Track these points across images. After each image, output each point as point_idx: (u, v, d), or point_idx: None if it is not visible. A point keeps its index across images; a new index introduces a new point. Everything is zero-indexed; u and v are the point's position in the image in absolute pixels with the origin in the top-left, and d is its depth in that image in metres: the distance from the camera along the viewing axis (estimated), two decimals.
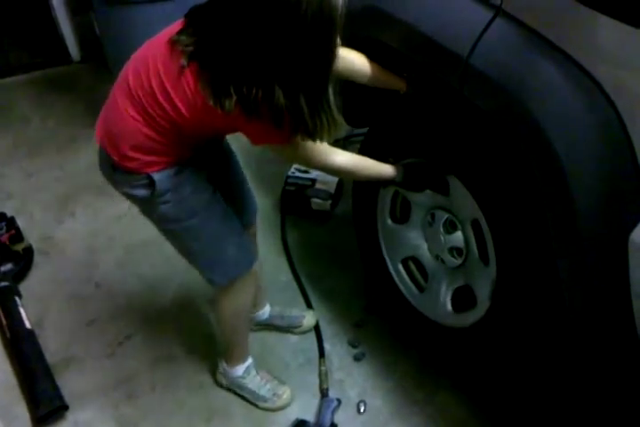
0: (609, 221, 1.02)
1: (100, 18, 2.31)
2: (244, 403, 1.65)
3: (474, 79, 1.15)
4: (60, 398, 1.65)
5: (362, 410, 1.61)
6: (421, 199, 1.53)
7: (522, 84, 1.07)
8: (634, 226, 0.99)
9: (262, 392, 1.61)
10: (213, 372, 1.71)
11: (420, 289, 1.67)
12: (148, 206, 1.29)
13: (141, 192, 1.23)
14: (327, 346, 1.78)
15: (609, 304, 1.10)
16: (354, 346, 1.78)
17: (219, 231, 1.34)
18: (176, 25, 1.13)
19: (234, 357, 1.61)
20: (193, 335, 1.84)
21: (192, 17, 1.10)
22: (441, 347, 1.65)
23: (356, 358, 1.75)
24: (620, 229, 1.01)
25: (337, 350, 1.78)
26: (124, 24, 2.18)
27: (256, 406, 1.63)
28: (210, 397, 1.67)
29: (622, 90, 0.96)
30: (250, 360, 1.64)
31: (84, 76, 3.17)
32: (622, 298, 1.06)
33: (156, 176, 1.20)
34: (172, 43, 1.08)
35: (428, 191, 1.44)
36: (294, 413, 1.62)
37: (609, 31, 0.96)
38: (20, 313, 1.86)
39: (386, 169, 1.34)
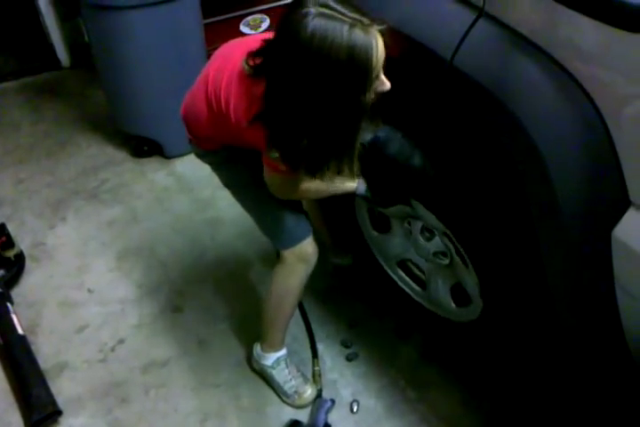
0: (592, 217, 1.03)
1: (88, 23, 2.31)
2: (238, 405, 1.66)
3: (457, 81, 1.17)
4: (54, 403, 1.64)
5: (355, 410, 1.62)
6: (391, 210, 1.55)
7: (505, 85, 1.08)
8: (616, 222, 1.00)
9: (286, 387, 1.63)
10: (206, 375, 1.72)
11: (423, 287, 1.70)
12: (214, 171, 1.47)
13: (207, 160, 1.45)
14: (320, 347, 1.79)
15: (595, 301, 1.11)
16: (346, 346, 1.79)
17: (275, 202, 1.39)
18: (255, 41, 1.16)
19: (268, 342, 1.64)
20: (184, 339, 1.84)
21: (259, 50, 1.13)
22: (450, 340, 1.69)
23: (349, 359, 1.76)
24: (604, 225, 1.02)
25: (330, 350, 1.79)
26: (112, 29, 2.18)
27: (280, 399, 1.66)
28: (204, 399, 1.68)
29: (603, 89, 0.97)
30: (283, 352, 1.66)
31: (74, 82, 3.17)
32: (608, 295, 1.08)
33: (214, 152, 1.39)
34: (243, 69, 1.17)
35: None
36: (288, 413, 1.62)
37: (589, 31, 0.97)
38: (12, 320, 1.85)
39: (350, 185, 1.39)
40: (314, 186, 1.29)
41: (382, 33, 1.03)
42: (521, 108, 1.06)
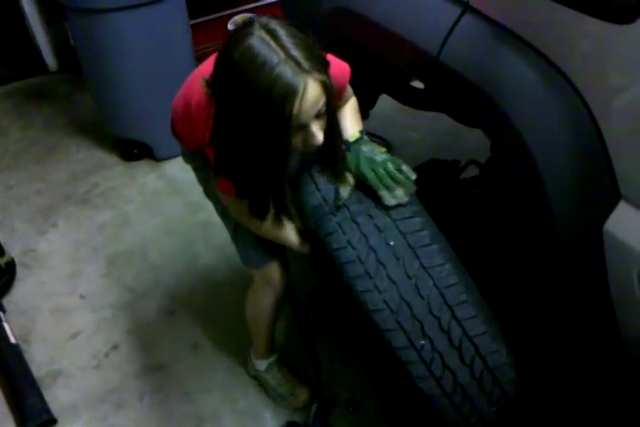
0: (583, 212, 1.02)
1: (73, 27, 2.29)
2: (233, 408, 1.65)
3: (444, 76, 1.16)
4: (48, 411, 1.63)
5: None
6: None
7: (492, 80, 1.07)
8: (607, 216, 0.99)
9: (281, 391, 1.63)
10: (201, 379, 1.71)
11: None
12: (194, 172, 1.39)
13: (186, 160, 1.37)
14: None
15: (588, 297, 1.10)
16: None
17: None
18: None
19: (257, 350, 1.64)
20: (178, 344, 1.83)
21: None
22: None
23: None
24: (595, 219, 1.01)
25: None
26: (97, 32, 2.16)
27: (275, 402, 1.65)
28: (198, 404, 1.66)
29: (590, 82, 0.96)
30: (274, 357, 1.65)
31: (62, 86, 3.15)
32: (601, 289, 1.07)
33: (195, 154, 1.29)
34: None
35: None
36: (285, 416, 1.61)
37: (575, 24, 0.96)
38: (3, 328, 1.84)
39: (295, 243, 1.29)
40: (256, 222, 1.23)
41: (325, 85, 0.91)
42: (508, 102, 1.05)
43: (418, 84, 1.61)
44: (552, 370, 1.33)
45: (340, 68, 1.12)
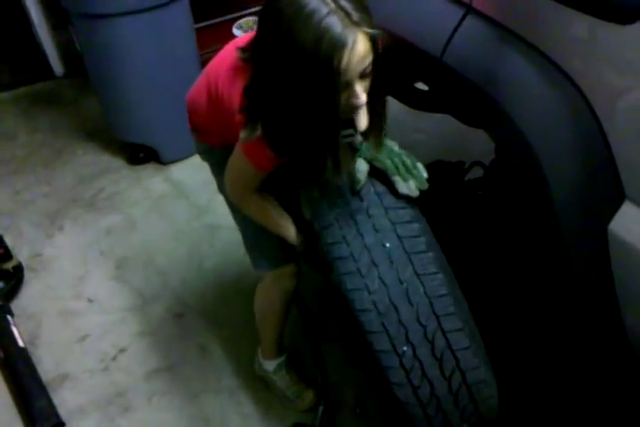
0: (587, 213, 1.02)
1: (79, 32, 2.31)
2: (240, 411, 1.65)
3: (448, 78, 1.16)
4: (57, 415, 1.64)
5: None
6: None
7: (495, 81, 1.07)
8: (612, 217, 0.99)
9: (288, 392, 1.63)
10: (208, 381, 1.72)
11: None
12: (212, 170, 1.38)
13: (204, 156, 1.37)
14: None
15: (594, 298, 1.10)
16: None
17: (258, 226, 1.33)
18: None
19: (265, 350, 1.64)
20: (186, 347, 1.83)
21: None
22: None
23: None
24: (599, 220, 1.01)
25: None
26: (102, 37, 2.18)
27: (282, 404, 1.65)
28: (206, 406, 1.67)
29: (593, 82, 0.96)
30: (282, 358, 1.64)
31: (68, 91, 3.17)
32: (607, 290, 1.06)
33: (216, 149, 1.29)
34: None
35: None
36: (292, 418, 1.61)
37: (577, 25, 0.96)
38: (12, 332, 1.85)
39: (286, 231, 1.26)
40: (256, 205, 1.21)
41: (372, 39, 0.88)
42: (511, 103, 1.05)
43: (422, 86, 1.61)
44: (557, 373, 1.32)
45: None
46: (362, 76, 0.91)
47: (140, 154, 2.60)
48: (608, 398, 1.23)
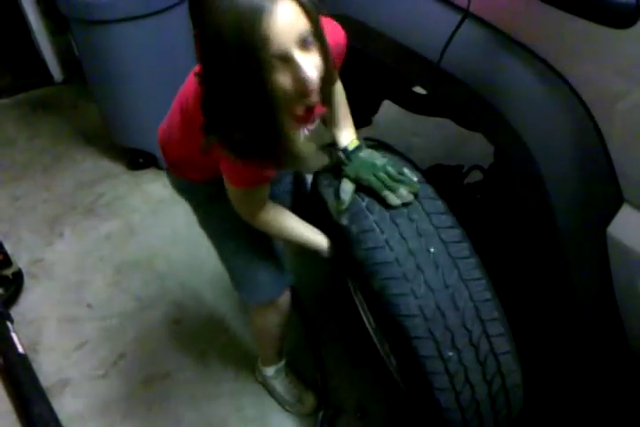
0: (586, 216, 1.02)
1: (77, 38, 2.31)
2: (241, 416, 1.65)
3: (446, 83, 1.16)
4: (57, 421, 1.63)
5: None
6: None
7: (493, 86, 1.07)
8: (610, 219, 0.99)
9: (288, 397, 1.63)
10: (208, 386, 1.71)
11: None
12: (194, 211, 1.35)
13: (185, 195, 1.33)
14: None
15: (593, 300, 1.10)
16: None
17: (254, 255, 1.31)
18: None
19: (265, 359, 1.64)
20: (186, 352, 1.83)
21: None
22: None
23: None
24: (598, 223, 1.01)
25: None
26: (101, 43, 2.19)
27: (283, 408, 1.65)
28: (205, 411, 1.66)
29: (591, 87, 0.96)
30: (281, 364, 1.65)
31: (68, 97, 3.17)
32: (606, 293, 1.06)
33: (199, 187, 1.26)
34: None
35: None
36: (292, 423, 1.61)
37: (575, 29, 0.96)
38: (12, 338, 1.84)
39: (319, 241, 1.22)
40: (277, 221, 1.18)
41: (302, 5, 0.79)
42: (509, 108, 1.05)
43: (420, 90, 1.61)
44: (556, 376, 1.32)
45: (334, 36, 1.03)
46: (301, 46, 0.80)
47: (140, 159, 2.60)
48: (609, 400, 1.23)
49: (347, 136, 1.21)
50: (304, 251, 1.26)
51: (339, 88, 1.22)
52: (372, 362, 1.70)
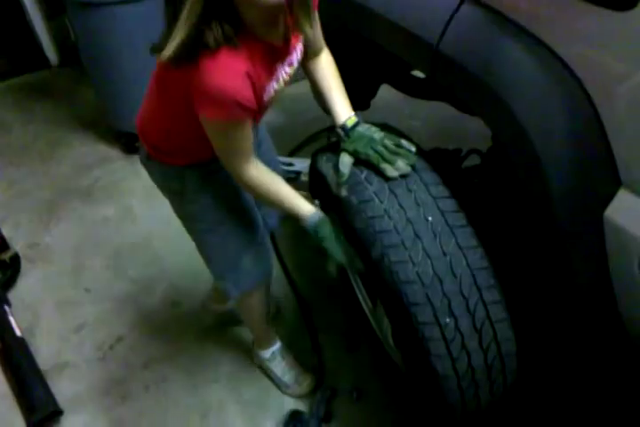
0: (583, 199, 1.02)
1: (73, 21, 2.29)
2: (238, 398, 1.66)
3: (444, 66, 1.15)
4: (54, 403, 1.65)
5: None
6: None
7: (491, 69, 1.06)
8: (607, 203, 0.99)
9: (285, 379, 1.65)
10: (205, 369, 1.73)
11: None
12: (175, 201, 1.30)
13: (171, 185, 1.24)
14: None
15: (589, 286, 1.11)
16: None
17: (239, 242, 1.32)
18: None
19: (258, 341, 1.67)
20: (183, 335, 1.84)
21: None
22: None
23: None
24: (595, 206, 1.01)
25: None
26: (97, 26, 2.16)
27: (281, 390, 1.66)
28: (203, 394, 1.68)
29: (590, 69, 0.96)
30: (277, 345, 1.67)
31: (64, 81, 3.15)
32: (602, 278, 1.07)
33: (186, 171, 1.21)
34: None
35: None
36: (289, 405, 1.63)
37: (574, 11, 0.96)
38: (9, 322, 1.85)
39: (303, 208, 1.16)
40: (265, 179, 1.13)
41: None
42: (507, 90, 1.04)
43: (418, 74, 1.60)
44: (552, 361, 1.33)
45: None
46: None
47: (136, 143, 2.57)
48: (603, 378, 1.24)
49: (344, 113, 1.21)
50: (298, 234, 1.25)
51: (331, 64, 1.24)
52: (368, 346, 1.72)
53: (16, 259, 2.10)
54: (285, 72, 1.10)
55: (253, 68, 0.97)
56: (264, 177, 1.14)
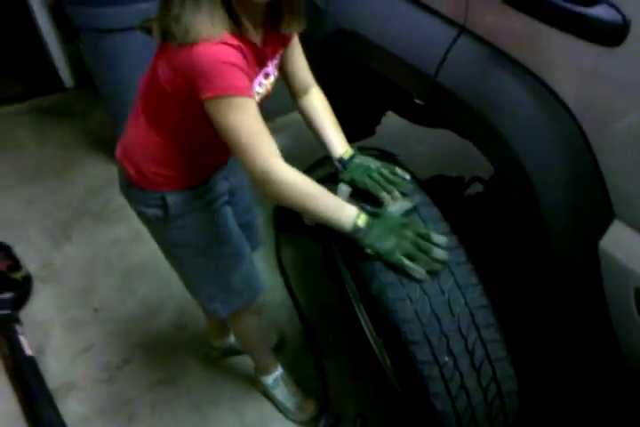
0: (578, 230, 1.03)
1: (86, 46, 2.36)
2: (242, 422, 1.67)
3: (442, 97, 1.18)
4: (62, 424, 1.66)
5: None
6: None
7: (487, 102, 1.09)
8: (602, 233, 1.00)
9: (288, 405, 1.65)
10: (211, 392, 1.74)
11: None
12: (158, 229, 1.26)
13: (154, 212, 1.19)
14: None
15: (586, 315, 1.11)
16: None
17: (227, 262, 1.31)
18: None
19: (260, 367, 1.67)
20: (190, 357, 1.86)
21: None
22: None
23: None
24: (590, 237, 1.02)
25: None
26: (109, 51, 2.23)
27: (285, 416, 1.67)
28: (208, 416, 1.69)
29: (583, 104, 0.98)
30: (278, 372, 1.67)
31: (78, 103, 3.22)
32: (599, 307, 1.07)
33: (170, 197, 1.17)
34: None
35: None
36: None
37: (568, 47, 0.97)
38: (20, 340, 1.89)
39: (346, 211, 1.06)
40: (297, 177, 1.01)
41: None
42: (502, 122, 1.06)
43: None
44: (551, 386, 1.33)
45: None
46: None
47: None
48: (603, 407, 1.24)
49: (340, 146, 1.23)
50: (301, 262, 1.26)
51: (323, 101, 1.25)
52: (372, 372, 1.72)
53: (28, 279, 2.14)
54: (260, 82, 1.10)
55: (244, 59, 0.97)
56: (295, 172, 1.00)
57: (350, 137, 1.78)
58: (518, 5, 0.98)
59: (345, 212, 1.06)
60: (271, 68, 1.13)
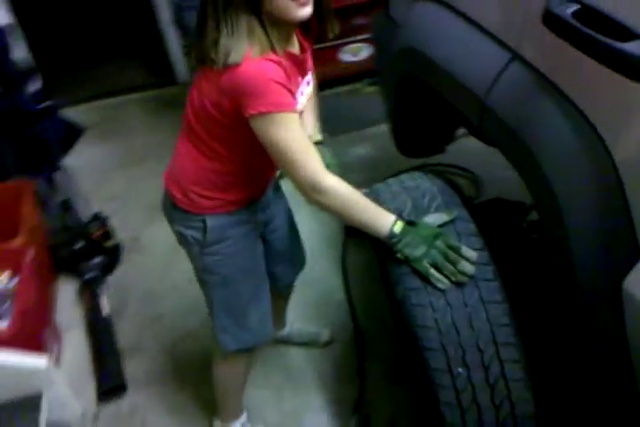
0: (604, 269, 1.02)
1: None
2: (280, 408, 1.74)
3: (490, 119, 1.21)
4: (122, 377, 1.87)
5: None
6: None
7: (528, 127, 1.10)
8: (626, 273, 0.99)
9: None
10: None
11: None
12: (194, 252, 1.29)
13: (192, 234, 1.25)
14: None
15: (608, 354, 1.09)
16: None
17: (249, 300, 1.33)
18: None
19: (226, 414, 1.60)
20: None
21: None
22: None
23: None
24: (615, 276, 1.00)
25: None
26: None
27: None
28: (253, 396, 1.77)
29: (619, 141, 0.96)
30: (244, 416, 1.61)
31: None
32: (620, 347, 1.05)
33: (211, 220, 1.22)
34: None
35: None
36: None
37: (611, 82, 0.94)
38: (102, 301, 2.13)
39: (385, 217, 1.12)
40: (341, 184, 1.08)
41: None
42: (542, 153, 1.07)
43: None
44: (570, 413, 1.31)
45: None
46: None
47: None
48: None
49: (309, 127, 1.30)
50: (365, 267, 1.27)
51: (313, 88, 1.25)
52: (409, 380, 1.74)
53: (118, 247, 2.39)
54: (302, 92, 1.14)
55: (285, 74, 1.02)
56: (341, 181, 1.08)
57: (418, 152, 1.84)
58: (558, 32, 0.96)
59: (384, 218, 1.12)
60: (310, 76, 1.18)
